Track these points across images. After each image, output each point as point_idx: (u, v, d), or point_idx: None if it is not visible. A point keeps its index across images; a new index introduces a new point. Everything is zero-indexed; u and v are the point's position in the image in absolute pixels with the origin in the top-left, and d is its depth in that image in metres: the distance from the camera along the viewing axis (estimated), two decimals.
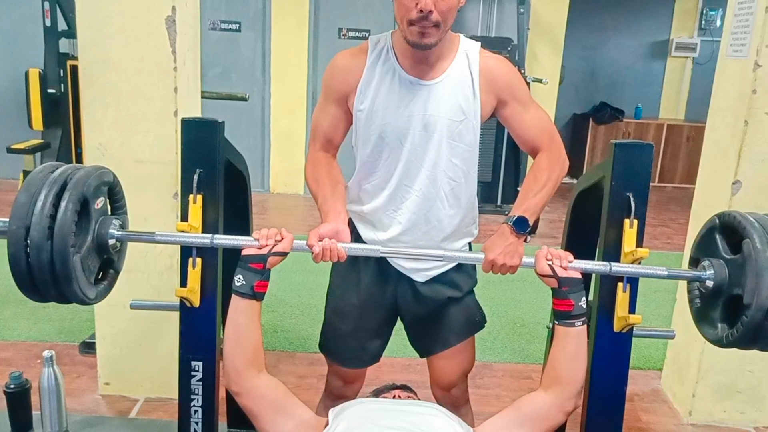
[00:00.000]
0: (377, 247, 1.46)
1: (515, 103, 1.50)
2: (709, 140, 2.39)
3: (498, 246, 1.42)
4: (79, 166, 1.31)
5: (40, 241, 1.17)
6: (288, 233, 1.38)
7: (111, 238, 1.35)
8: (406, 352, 2.89)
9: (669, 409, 2.50)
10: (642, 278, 1.50)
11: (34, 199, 1.18)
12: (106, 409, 2.32)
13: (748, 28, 2.14)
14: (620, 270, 1.41)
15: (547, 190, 1.50)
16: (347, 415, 1.34)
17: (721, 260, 1.35)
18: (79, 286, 1.24)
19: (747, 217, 1.30)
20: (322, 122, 1.57)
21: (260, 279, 1.35)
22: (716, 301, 1.36)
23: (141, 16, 2.04)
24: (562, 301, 1.37)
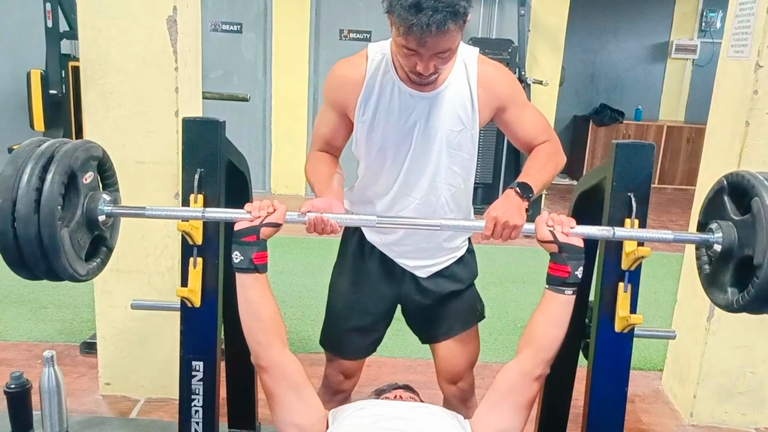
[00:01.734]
0: (372, 217, 1.41)
1: (514, 107, 1.52)
2: (709, 141, 2.39)
3: (502, 205, 1.40)
4: (66, 141, 1.28)
5: (27, 214, 1.14)
6: (281, 204, 1.37)
7: (101, 214, 1.32)
8: (407, 352, 2.90)
9: (670, 410, 2.50)
10: (643, 278, 1.50)
11: (20, 173, 1.15)
12: (107, 410, 2.32)
13: (749, 29, 2.14)
14: (624, 234, 1.37)
15: (549, 169, 1.50)
16: (347, 412, 1.34)
17: (729, 222, 1.30)
18: (68, 261, 1.21)
19: (756, 176, 1.26)
20: (322, 128, 1.58)
21: (257, 250, 1.33)
22: (726, 264, 1.31)
23: (142, 17, 2.05)
24: (559, 266, 1.35)
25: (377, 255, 1.65)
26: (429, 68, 1.32)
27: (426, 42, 1.26)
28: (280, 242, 4.30)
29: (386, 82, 1.45)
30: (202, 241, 1.48)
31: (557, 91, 5.70)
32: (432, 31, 1.22)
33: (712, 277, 1.38)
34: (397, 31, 1.29)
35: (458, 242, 1.67)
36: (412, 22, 1.22)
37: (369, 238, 1.65)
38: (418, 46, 1.27)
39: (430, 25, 1.22)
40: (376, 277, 1.66)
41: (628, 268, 1.45)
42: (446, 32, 1.24)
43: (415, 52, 1.29)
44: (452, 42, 1.29)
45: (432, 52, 1.29)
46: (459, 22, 1.26)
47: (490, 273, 3.18)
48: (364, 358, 1.75)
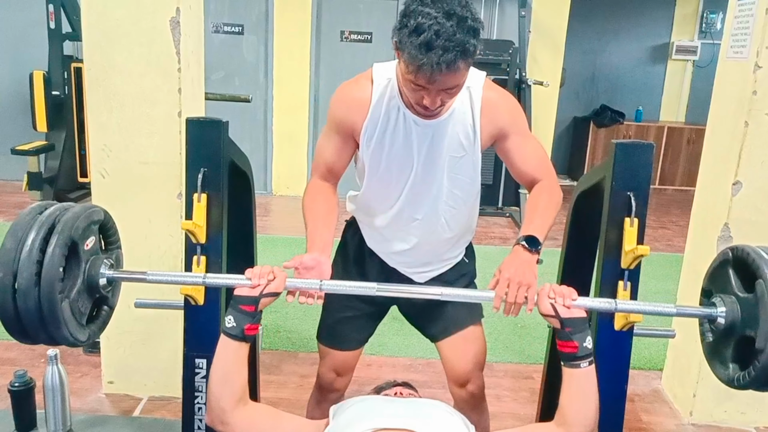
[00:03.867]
0: (372, 285, 1.43)
1: (514, 136, 1.51)
2: (709, 141, 2.40)
3: (513, 264, 1.38)
4: (68, 206, 1.28)
5: (28, 287, 1.15)
6: (281, 272, 1.36)
7: (102, 278, 1.33)
8: (407, 351, 2.92)
9: (670, 410, 2.51)
10: (644, 279, 1.51)
11: (21, 245, 1.16)
12: (110, 408, 2.33)
13: (748, 30, 2.15)
14: (626, 308, 1.37)
15: (551, 212, 1.49)
16: (349, 409, 1.36)
17: (733, 297, 1.30)
18: (68, 331, 1.23)
19: (761, 254, 1.25)
20: (325, 151, 1.56)
21: (251, 322, 1.32)
22: (728, 339, 1.31)
23: (145, 19, 2.06)
24: (565, 342, 1.31)
25: (377, 260, 1.67)
26: (436, 102, 1.32)
27: (435, 80, 1.25)
28: (284, 243, 4.33)
29: (392, 108, 1.46)
30: (206, 240, 1.50)
31: (558, 92, 5.72)
32: (442, 70, 1.22)
33: (714, 349, 1.37)
34: (406, 68, 1.28)
35: (456, 252, 1.69)
36: (422, 61, 1.22)
37: (370, 245, 1.67)
38: (427, 83, 1.27)
39: (440, 64, 1.21)
40: (373, 277, 1.67)
41: (627, 266, 1.46)
42: (456, 71, 1.24)
43: (423, 88, 1.29)
44: (460, 79, 1.30)
45: (440, 88, 1.29)
46: (469, 59, 1.26)
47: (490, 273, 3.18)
48: (355, 349, 1.75)
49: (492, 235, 4.90)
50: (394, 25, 1.28)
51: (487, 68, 5.55)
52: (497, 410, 2.44)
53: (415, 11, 1.24)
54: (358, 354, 1.75)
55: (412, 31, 1.22)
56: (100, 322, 1.39)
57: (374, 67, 1.50)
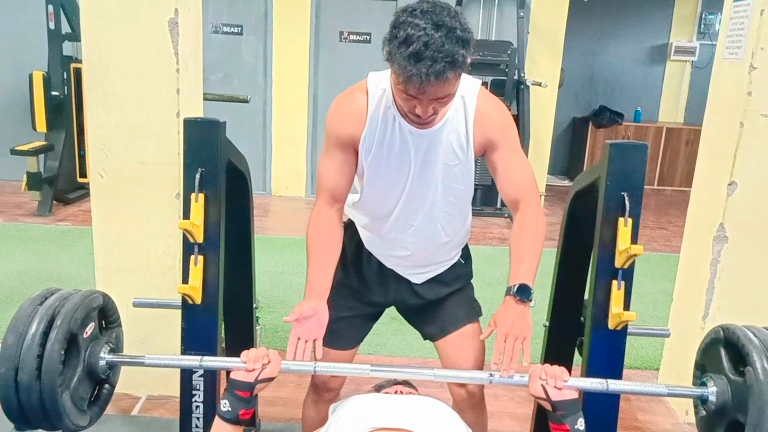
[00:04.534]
0: (366, 367, 1.44)
1: (503, 149, 1.51)
2: (705, 142, 2.41)
3: (507, 318, 1.40)
4: (67, 295, 1.31)
5: (29, 382, 1.20)
6: (275, 356, 1.38)
7: (102, 361, 1.38)
8: (406, 351, 2.93)
9: (666, 409, 2.52)
10: (641, 278, 1.52)
11: (22, 340, 1.21)
12: (109, 407, 2.30)
13: (743, 31, 2.16)
14: (617, 388, 1.38)
15: (538, 248, 1.49)
16: (348, 406, 1.37)
17: (724, 378, 1.31)
18: (70, 420, 1.28)
19: (751, 339, 1.26)
20: (328, 171, 1.55)
21: (246, 408, 1.33)
22: (720, 419, 1.32)
23: (144, 20, 2.08)
24: (557, 426, 1.31)
25: (375, 262, 1.69)
26: (428, 111, 1.33)
27: (425, 90, 1.26)
28: (283, 243, 4.34)
29: (388, 118, 1.46)
30: (204, 240, 1.51)
31: (556, 93, 5.73)
32: (431, 80, 1.23)
33: (707, 426, 1.38)
34: (396, 79, 1.29)
35: (453, 254, 1.71)
36: (411, 72, 1.23)
37: (369, 248, 1.68)
38: (418, 94, 1.28)
39: (429, 75, 1.22)
40: (371, 278, 1.69)
41: (621, 266, 1.48)
42: (445, 81, 1.25)
43: (414, 98, 1.30)
44: (451, 88, 1.30)
45: (431, 98, 1.30)
46: (458, 70, 1.26)
47: (489, 274, 3.19)
48: (351, 348, 1.76)
49: (490, 235, 4.91)
50: (384, 36, 1.28)
51: (486, 69, 5.52)
52: (494, 409, 2.45)
53: (404, 22, 1.24)
54: (353, 353, 1.76)
55: (402, 42, 1.23)
56: (102, 402, 1.44)
57: (369, 78, 1.50)
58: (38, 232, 4.45)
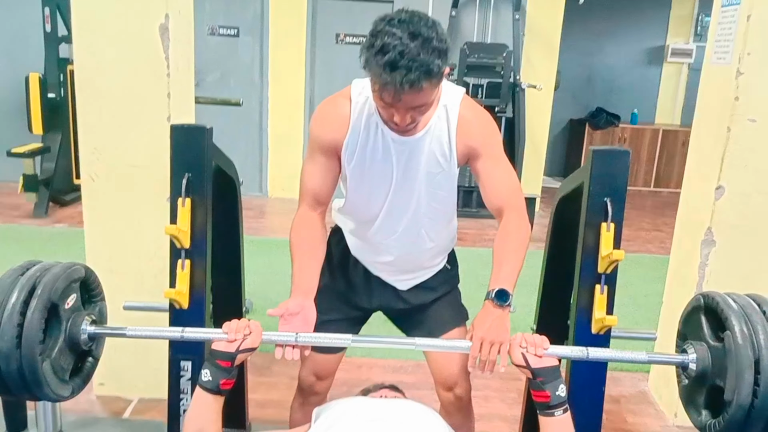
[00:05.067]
0: (347, 337, 1.46)
1: (486, 158, 1.52)
2: (694, 146, 2.43)
3: (485, 322, 1.40)
4: (48, 266, 1.32)
5: (9, 351, 1.20)
6: (257, 327, 1.39)
7: (83, 334, 1.38)
8: (398, 353, 2.94)
9: (655, 411, 2.53)
10: (633, 281, 1.54)
11: (2, 309, 1.22)
12: (101, 410, 2.35)
13: (731, 36, 2.18)
14: (598, 356, 1.39)
15: (520, 254, 1.49)
16: (330, 410, 1.38)
17: (704, 344, 1.33)
18: (51, 389, 1.28)
19: (730, 305, 1.27)
20: (311, 175, 1.57)
21: (227, 378, 1.35)
22: (700, 386, 1.33)
23: (135, 23, 2.09)
24: (538, 392, 1.32)
25: (361, 268, 1.70)
26: (405, 120, 1.35)
27: (400, 99, 1.28)
28: (275, 245, 4.35)
29: (370, 125, 1.48)
30: (190, 245, 1.52)
31: (552, 95, 5.74)
32: (405, 89, 1.24)
33: (688, 394, 1.40)
34: (373, 86, 1.31)
35: (438, 260, 1.72)
36: (386, 80, 1.24)
37: (354, 253, 1.69)
38: (393, 102, 1.30)
39: (404, 84, 1.23)
40: (357, 284, 1.70)
41: (603, 271, 1.49)
42: (420, 90, 1.26)
43: (391, 105, 1.32)
44: (427, 98, 1.31)
45: (407, 106, 1.31)
46: (434, 80, 1.27)
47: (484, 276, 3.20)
48: (336, 353, 1.77)
49: (486, 237, 4.92)
50: (362, 43, 1.30)
51: (482, 72, 5.52)
52: (485, 411, 2.46)
53: (381, 31, 1.25)
54: (340, 358, 1.77)
55: (378, 51, 1.24)
56: (84, 374, 1.44)
57: (353, 85, 1.52)
58: (35, 234, 4.46)
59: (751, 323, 1.23)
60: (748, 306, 1.27)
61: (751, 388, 1.18)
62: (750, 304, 1.28)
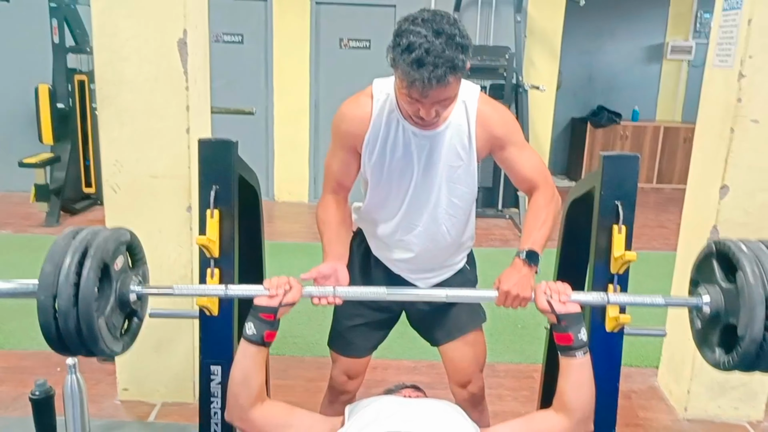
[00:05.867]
0: (382, 290, 1.53)
1: (511, 146, 1.60)
2: (698, 146, 2.49)
3: (512, 278, 1.48)
4: (98, 230, 1.38)
5: (67, 309, 1.26)
6: (297, 283, 1.46)
7: (132, 294, 1.43)
8: (412, 354, 3.00)
9: (665, 406, 2.59)
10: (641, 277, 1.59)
11: (58, 269, 1.27)
12: (126, 414, 2.42)
13: (732, 40, 2.24)
14: (617, 300, 1.46)
15: (548, 225, 1.58)
16: (364, 409, 1.44)
17: (717, 287, 1.38)
18: (105, 344, 1.34)
19: (741, 248, 1.32)
20: (333, 166, 1.65)
21: (270, 329, 1.42)
22: (714, 326, 1.39)
23: (154, 39, 2.15)
24: (562, 335, 1.41)
25: (382, 267, 1.76)
26: (431, 114, 1.41)
27: (428, 94, 1.34)
28: (288, 248, 4.41)
29: (391, 121, 1.54)
30: (219, 254, 1.58)
31: (554, 95, 5.80)
32: (433, 84, 1.31)
33: (702, 335, 1.45)
34: (401, 83, 1.38)
35: (458, 258, 1.78)
36: (414, 77, 1.31)
37: (375, 253, 1.75)
38: (421, 97, 1.36)
39: (431, 80, 1.30)
40: (379, 283, 1.75)
41: (616, 271, 1.55)
42: (446, 85, 1.33)
43: (417, 101, 1.38)
44: (452, 92, 1.38)
45: (433, 101, 1.38)
46: (458, 74, 1.34)
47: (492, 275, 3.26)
48: (365, 356, 1.84)
49: (492, 237, 4.99)
50: (389, 44, 1.37)
51: (485, 73, 5.57)
52: (499, 409, 2.52)
53: (406, 30, 1.33)
54: (367, 361, 1.84)
55: (405, 49, 1.31)
56: (132, 333, 1.49)
57: (374, 84, 1.59)
58: (47, 243, 4.48)
59: (761, 264, 1.27)
60: (759, 249, 1.31)
61: (763, 323, 1.22)
62: (760, 248, 1.32)
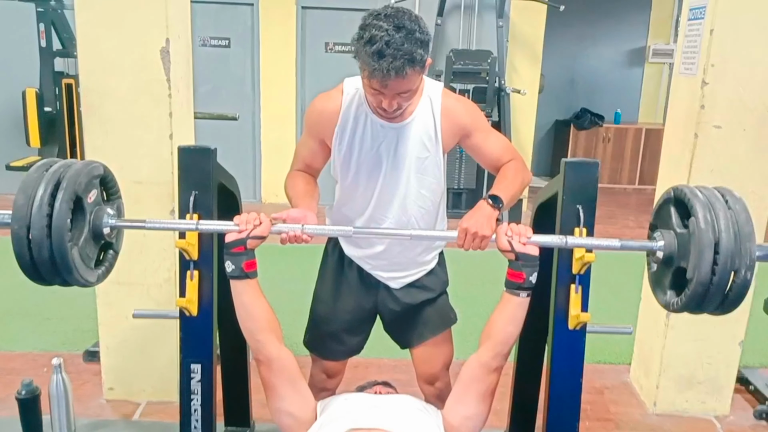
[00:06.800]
0: (349, 228, 1.59)
1: (477, 133, 1.68)
2: (665, 151, 2.59)
3: (474, 216, 1.54)
4: (70, 163, 1.40)
5: (40, 238, 1.29)
6: (265, 218, 1.53)
7: (106, 227, 1.47)
8: (392, 353, 3.04)
9: (636, 401, 2.68)
10: (615, 276, 1.67)
11: (31, 200, 1.30)
12: (111, 413, 2.47)
13: (696, 49, 2.33)
14: (575, 242, 1.53)
15: (516, 184, 1.65)
16: (331, 406, 1.52)
17: (672, 232, 1.44)
18: (79, 274, 1.37)
19: (696, 194, 1.38)
20: (303, 152, 1.76)
21: (246, 259, 1.50)
22: (666, 269, 1.46)
23: (137, 49, 2.21)
24: (515, 272, 1.51)
25: (355, 268, 1.83)
26: (393, 105, 1.50)
27: (388, 84, 1.43)
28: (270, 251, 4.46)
29: (359, 114, 1.63)
30: (198, 256, 1.65)
31: (537, 99, 5.89)
32: (392, 75, 1.40)
33: (656, 278, 1.53)
34: (363, 74, 1.47)
35: (429, 257, 1.85)
36: (374, 68, 1.40)
37: (347, 252, 1.82)
38: (381, 88, 1.45)
39: (390, 71, 1.39)
40: (354, 287, 1.83)
41: (578, 272, 1.63)
42: (405, 76, 1.42)
43: (379, 92, 1.47)
44: (412, 84, 1.47)
45: (394, 92, 1.46)
46: (417, 67, 1.43)
47: (476, 275, 3.33)
48: (344, 359, 1.91)
49: None
50: (353, 36, 1.45)
51: (467, 77, 5.64)
52: None
53: (370, 24, 1.42)
54: (346, 361, 1.91)
55: (367, 42, 1.40)
56: (107, 265, 1.54)
57: (345, 81, 1.68)
58: None
59: (714, 210, 1.33)
60: (713, 196, 1.38)
61: (710, 266, 1.29)
62: (714, 194, 1.39)
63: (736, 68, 2.24)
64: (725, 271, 1.29)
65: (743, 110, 2.27)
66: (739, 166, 2.32)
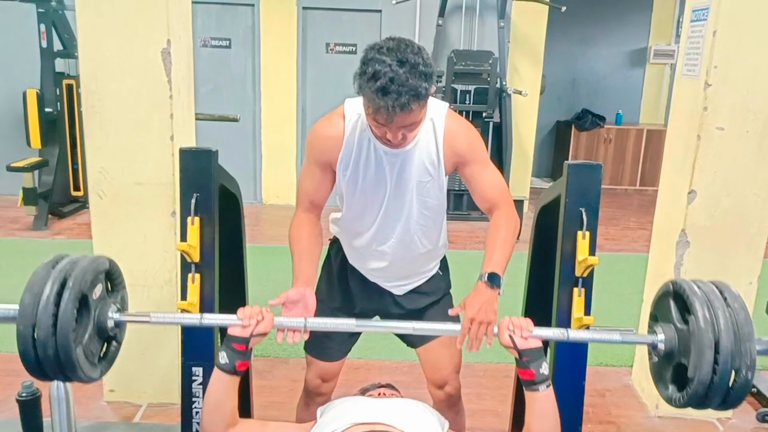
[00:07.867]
0: (351, 321, 1.57)
1: (474, 164, 1.66)
2: (668, 152, 2.58)
3: (476, 302, 1.51)
4: (77, 260, 1.43)
5: (45, 338, 1.30)
6: (269, 313, 1.50)
7: (110, 321, 1.48)
8: (394, 355, 3.06)
9: (638, 404, 2.67)
10: (619, 279, 1.67)
11: (38, 300, 1.32)
12: (112, 415, 2.47)
13: (699, 50, 2.32)
14: (577, 336, 1.52)
15: (509, 242, 1.63)
16: (334, 408, 1.51)
17: (672, 326, 1.44)
18: (83, 372, 1.39)
19: (695, 291, 1.39)
20: (307, 184, 1.70)
21: (242, 359, 1.46)
22: (668, 363, 1.45)
23: (138, 50, 2.21)
24: (524, 370, 1.44)
25: (358, 274, 1.82)
26: (398, 137, 1.48)
27: (392, 120, 1.41)
28: (270, 251, 4.46)
29: (363, 140, 1.61)
30: (200, 259, 1.64)
31: (538, 100, 5.89)
32: (397, 111, 1.38)
33: (658, 370, 1.51)
34: (367, 109, 1.45)
35: (431, 265, 1.84)
36: (379, 105, 1.38)
37: (350, 261, 1.82)
38: (386, 123, 1.43)
39: (395, 107, 1.37)
40: (355, 292, 1.83)
41: (580, 275, 1.63)
42: (410, 111, 1.40)
43: (384, 125, 1.45)
44: (416, 117, 1.45)
45: (399, 126, 1.45)
46: (421, 101, 1.41)
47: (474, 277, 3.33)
48: (339, 359, 1.90)
49: (476, 239, 5.06)
50: (355, 71, 1.42)
51: (469, 78, 5.64)
52: (477, 407, 2.59)
53: (372, 59, 1.39)
54: (342, 362, 1.90)
55: (370, 78, 1.37)
56: (110, 357, 1.55)
57: (345, 104, 1.65)
58: (35, 247, 4.55)
59: (713, 308, 1.34)
60: (711, 292, 1.39)
61: (711, 366, 1.29)
62: (713, 291, 1.39)
63: (739, 70, 2.24)
64: (726, 372, 1.29)
65: (746, 112, 2.27)
66: (742, 169, 2.31)
